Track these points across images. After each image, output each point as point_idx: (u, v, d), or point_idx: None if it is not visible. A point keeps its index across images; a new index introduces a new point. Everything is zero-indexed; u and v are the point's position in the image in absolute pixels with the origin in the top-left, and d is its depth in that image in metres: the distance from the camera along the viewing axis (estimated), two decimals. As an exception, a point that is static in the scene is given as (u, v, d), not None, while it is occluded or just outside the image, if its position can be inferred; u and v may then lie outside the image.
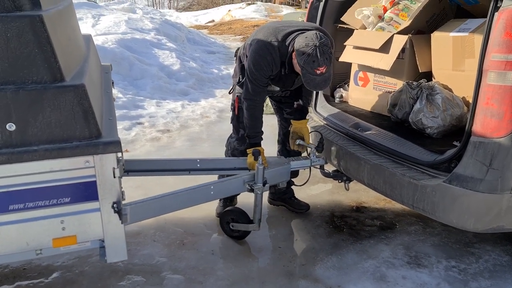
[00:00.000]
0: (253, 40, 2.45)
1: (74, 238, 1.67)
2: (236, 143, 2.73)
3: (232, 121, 2.73)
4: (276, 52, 2.35)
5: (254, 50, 2.38)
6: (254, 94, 2.45)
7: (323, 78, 2.24)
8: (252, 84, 2.42)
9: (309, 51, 2.18)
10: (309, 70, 2.21)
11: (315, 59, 2.18)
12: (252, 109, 2.48)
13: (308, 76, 2.24)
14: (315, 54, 2.17)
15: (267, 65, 2.36)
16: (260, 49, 2.37)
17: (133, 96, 5.41)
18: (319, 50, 2.18)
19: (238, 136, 2.71)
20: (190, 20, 16.89)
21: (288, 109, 2.81)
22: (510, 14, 1.86)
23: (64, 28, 1.80)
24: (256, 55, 2.38)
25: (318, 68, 2.19)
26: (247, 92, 2.45)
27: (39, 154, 1.52)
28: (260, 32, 2.45)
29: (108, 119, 1.83)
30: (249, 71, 2.41)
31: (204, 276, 2.33)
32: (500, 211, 2.01)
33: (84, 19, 7.91)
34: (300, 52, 2.22)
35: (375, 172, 2.42)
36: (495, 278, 2.32)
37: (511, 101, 1.90)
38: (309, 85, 2.29)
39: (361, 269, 2.39)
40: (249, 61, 2.40)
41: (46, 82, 1.52)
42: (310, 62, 2.19)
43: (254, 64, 2.38)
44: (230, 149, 2.78)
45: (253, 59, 2.38)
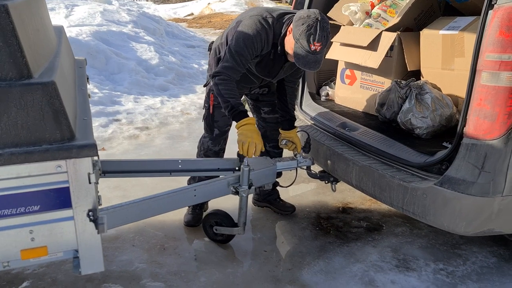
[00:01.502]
0: (242, 17, 2.28)
1: (44, 249, 1.53)
2: (210, 143, 2.58)
3: (206, 119, 2.57)
4: (271, 29, 2.20)
5: (246, 25, 2.20)
6: (231, 71, 2.21)
7: (315, 57, 2.11)
8: (233, 59, 2.19)
9: (310, 22, 2.05)
10: (303, 44, 2.07)
11: (314, 32, 2.05)
12: (226, 81, 2.22)
13: (301, 51, 2.09)
14: (315, 27, 2.05)
15: (259, 41, 2.19)
16: (254, 24, 2.19)
17: (110, 92, 5.20)
18: (320, 25, 2.06)
19: (213, 135, 2.56)
20: (169, 13, 16.56)
21: (266, 108, 2.68)
22: (506, 12, 1.80)
23: (32, 19, 1.64)
24: (249, 29, 2.19)
25: (314, 42, 2.05)
26: (223, 67, 2.21)
27: (4, 158, 1.37)
28: (251, 11, 2.29)
29: (82, 119, 1.68)
30: (236, 46, 2.19)
31: (186, 283, 2.21)
32: (491, 215, 1.97)
33: (57, 9, 7.60)
34: (299, 22, 2.07)
35: (363, 173, 2.35)
36: (482, 281, 2.29)
37: (504, 103, 1.85)
38: (299, 61, 2.13)
39: (349, 274, 2.33)
40: (239, 36, 2.19)
41: (12, 79, 1.36)
42: (308, 35, 2.05)
43: (244, 39, 2.18)
44: (203, 149, 2.61)
45: (244, 33, 2.18)
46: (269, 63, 2.33)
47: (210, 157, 2.60)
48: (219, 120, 2.53)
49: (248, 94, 2.67)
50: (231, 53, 2.21)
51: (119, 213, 1.94)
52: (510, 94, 1.84)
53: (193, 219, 2.69)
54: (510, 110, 1.85)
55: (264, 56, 2.29)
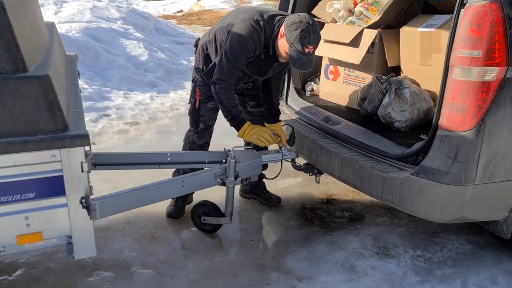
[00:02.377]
0: (233, 20, 2.37)
1: (39, 235, 1.61)
2: (195, 137, 2.68)
3: (191, 113, 2.67)
4: (262, 31, 2.31)
5: (239, 28, 2.30)
6: (229, 75, 2.34)
7: (308, 59, 2.25)
8: (230, 64, 2.31)
9: (303, 27, 2.17)
10: (298, 48, 2.19)
11: (307, 36, 2.17)
12: (226, 89, 2.37)
13: (296, 55, 2.22)
14: (308, 31, 2.17)
15: (252, 44, 2.30)
16: (246, 27, 2.29)
17: (100, 87, 5.25)
18: (312, 28, 2.19)
19: (198, 129, 2.66)
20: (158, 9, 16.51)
21: (251, 102, 2.78)
22: (476, 11, 1.91)
23: (26, 15, 1.72)
24: (242, 33, 2.29)
25: (308, 45, 2.19)
26: (221, 73, 2.33)
27: (1, 147, 1.44)
28: (242, 14, 2.38)
29: (75, 111, 1.76)
30: (232, 50, 2.29)
31: (175, 270, 2.30)
32: (464, 202, 2.08)
33: (46, 6, 7.59)
34: (292, 27, 2.19)
35: (345, 165, 2.45)
36: (458, 267, 2.42)
37: (475, 96, 1.96)
38: (295, 64, 2.26)
39: (332, 260, 2.43)
40: (233, 40, 2.29)
41: (8, 73, 1.44)
42: (302, 38, 2.17)
43: (239, 42, 2.29)
44: (188, 143, 2.72)
45: (238, 37, 2.29)
46: (260, 62, 2.44)
47: (196, 150, 2.69)
48: (204, 115, 2.63)
49: (234, 89, 2.75)
50: (228, 58, 2.31)
51: (110, 202, 2.01)
52: (480, 88, 1.95)
53: (175, 211, 2.78)
54: (481, 103, 1.97)
55: (256, 56, 2.39)
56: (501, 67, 1.92)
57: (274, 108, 2.70)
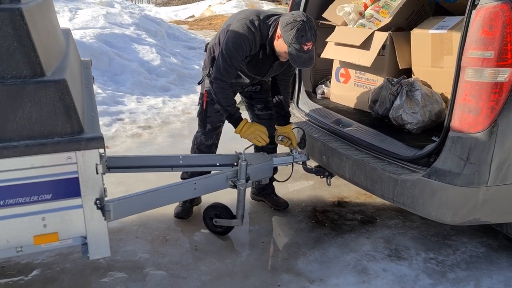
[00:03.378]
0: (231, 21, 2.41)
1: (55, 235, 1.64)
2: (203, 138, 2.72)
3: (199, 115, 2.71)
4: (257, 31, 2.34)
5: (235, 28, 2.34)
6: (225, 74, 2.37)
7: (309, 55, 2.27)
8: (226, 63, 2.35)
9: (298, 26, 2.19)
10: (296, 47, 2.21)
11: (304, 34, 2.19)
12: (223, 89, 2.41)
13: (295, 53, 2.24)
14: (304, 29, 2.19)
15: (247, 44, 2.33)
16: (241, 27, 2.33)
17: (113, 92, 5.33)
18: (307, 25, 2.20)
19: (205, 130, 2.70)
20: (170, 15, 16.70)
21: (259, 105, 2.80)
22: (487, 12, 1.91)
23: (44, 21, 1.77)
24: (236, 32, 2.33)
25: (306, 43, 2.21)
26: (218, 72, 2.37)
27: (19, 150, 1.49)
28: (239, 14, 2.43)
29: (90, 114, 1.80)
30: (227, 49, 2.33)
31: (187, 272, 2.33)
32: (477, 204, 2.06)
33: (61, 13, 7.73)
34: (288, 27, 2.22)
35: (356, 167, 2.46)
36: (471, 269, 2.40)
37: (487, 97, 1.95)
38: (296, 63, 2.29)
39: (343, 263, 2.43)
40: (228, 39, 2.34)
41: (26, 77, 1.48)
42: (299, 37, 2.19)
43: (233, 42, 2.33)
44: (196, 143, 2.76)
45: (233, 36, 2.33)
46: (258, 62, 2.47)
47: (203, 151, 2.73)
48: (211, 116, 2.67)
49: (242, 92, 2.79)
50: (223, 57, 2.36)
51: (124, 204, 2.04)
52: (493, 89, 1.95)
53: (183, 212, 2.82)
54: (493, 104, 1.96)
55: (253, 56, 2.42)
56: (513, 68, 1.91)
57: (284, 110, 2.72)
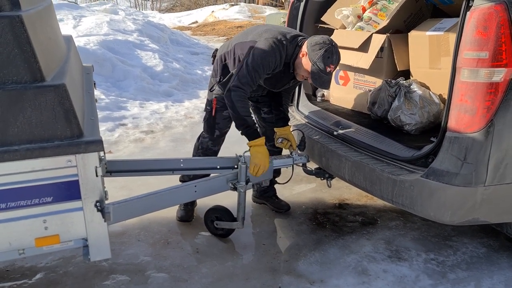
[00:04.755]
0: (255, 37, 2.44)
1: (57, 238, 1.67)
2: (210, 143, 2.75)
3: (207, 121, 2.73)
4: (284, 51, 2.40)
5: (263, 45, 2.37)
6: (246, 85, 2.39)
7: (328, 77, 2.37)
8: (249, 76, 2.36)
9: (327, 48, 2.29)
10: (321, 66, 2.30)
11: (330, 56, 2.29)
12: (243, 97, 2.40)
13: (318, 73, 2.33)
14: (332, 51, 2.30)
15: (273, 62, 2.39)
16: (269, 45, 2.37)
17: (116, 98, 5.38)
18: (335, 49, 2.32)
19: (213, 136, 2.73)
20: (173, 21, 16.83)
21: (265, 109, 2.84)
22: (481, 13, 1.93)
23: (44, 28, 1.81)
24: (265, 49, 2.37)
25: (330, 65, 2.30)
26: (239, 81, 2.37)
27: (20, 153, 1.52)
28: (266, 33, 2.44)
29: (90, 119, 1.83)
30: (253, 63, 2.35)
31: (189, 274, 2.34)
32: (475, 204, 2.07)
33: (65, 20, 7.83)
34: (317, 47, 2.30)
35: (355, 168, 2.47)
36: (472, 270, 2.40)
37: (483, 97, 1.97)
38: (316, 82, 2.38)
39: (343, 264, 2.44)
40: (255, 54, 2.36)
41: (26, 82, 1.52)
42: (325, 58, 2.28)
43: (262, 58, 2.36)
44: (202, 148, 2.78)
45: (261, 52, 2.36)
46: (278, 79, 2.54)
47: (209, 156, 2.76)
48: (220, 122, 2.70)
49: (250, 97, 2.81)
50: (248, 69, 2.37)
51: (124, 207, 2.08)
52: (488, 89, 1.96)
53: (186, 215, 2.85)
54: (489, 104, 1.97)
55: (275, 73, 2.48)
56: (508, 67, 1.93)
57: (284, 113, 2.76)
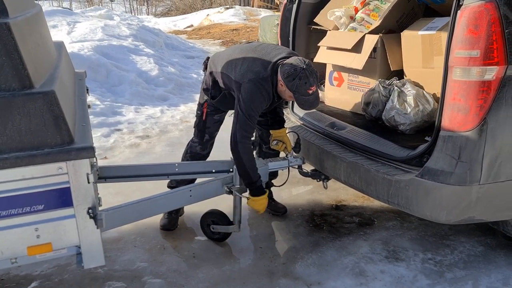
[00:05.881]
0: (241, 78, 2.38)
1: (49, 246, 1.66)
2: (199, 148, 2.73)
3: (197, 125, 2.72)
4: (270, 85, 2.37)
5: (249, 90, 2.34)
6: (249, 130, 2.39)
7: (314, 96, 2.34)
8: (248, 123, 2.36)
9: (300, 75, 2.26)
10: (302, 93, 2.30)
11: (307, 81, 2.27)
12: (248, 150, 2.39)
13: (302, 99, 2.32)
14: (306, 76, 2.26)
15: (263, 101, 2.38)
16: (256, 89, 2.34)
17: (111, 103, 5.36)
18: (308, 72, 2.28)
19: (202, 141, 2.71)
20: (169, 25, 16.80)
21: None
22: (472, 12, 1.92)
23: (33, 35, 1.79)
24: (252, 94, 2.34)
25: (310, 88, 2.29)
26: (243, 132, 2.35)
27: (10, 162, 1.51)
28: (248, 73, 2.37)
29: (81, 125, 1.82)
30: (247, 111, 2.34)
31: (185, 279, 2.33)
32: (470, 203, 2.07)
33: (59, 27, 7.81)
34: (290, 78, 2.27)
35: (351, 169, 2.46)
36: (469, 269, 2.39)
37: (476, 96, 1.96)
38: (304, 106, 2.37)
39: (341, 265, 2.43)
40: (246, 101, 2.34)
41: (15, 90, 1.51)
42: (302, 85, 2.27)
43: (253, 102, 2.34)
44: (190, 153, 2.76)
45: (250, 98, 2.33)
46: (270, 106, 2.55)
47: (197, 160, 2.73)
48: (210, 127, 2.70)
49: None
50: (246, 118, 2.34)
51: (118, 213, 2.07)
52: (480, 87, 1.96)
53: (169, 223, 2.79)
54: (482, 102, 1.97)
55: (267, 107, 2.50)
56: (500, 66, 1.93)
57: (278, 116, 2.76)
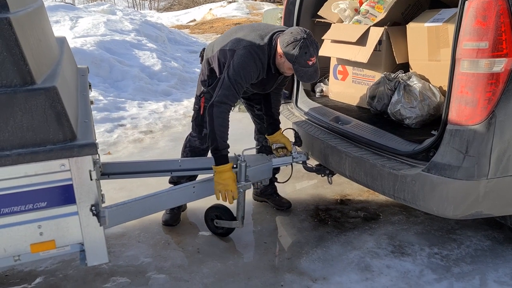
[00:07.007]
0: (235, 45, 2.35)
1: (52, 243, 1.65)
2: (198, 142, 2.70)
3: (195, 119, 2.69)
4: (265, 56, 2.33)
5: (242, 56, 2.30)
6: (231, 98, 2.32)
7: (314, 68, 2.28)
8: (231, 90, 2.30)
9: (300, 44, 2.20)
10: (302, 64, 2.23)
11: (307, 50, 2.21)
12: (223, 115, 2.31)
13: (301, 70, 2.26)
14: (306, 45, 2.20)
15: (255, 71, 2.33)
16: (248, 55, 2.30)
17: (114, 98, 5.35)
18: (308, 41, 2.22)
19: (201, 135, 2.67)
20: (171, 20, 16.77)
21: (258, 106, 2.79)
22: (480, 2, 1.88)
23: (34, 30, 1.77)
24: (243, 61, 2.29)
25: (310, 59, 2.23)
26: (223, 96, 2.30)
27: (12, 159, 1.49)
28: (242, 42, 2.34)
29: (83, 121, 1.80)
30: (234, 76, 2.29)
31: (190, 275, 2.32)
32: (478, 197, 2.04)
33: (62, 22, 7.79)
34: (289, 48, 2.22)
35: (356, 164, 2.44)
36: (476, 263, 2.37)
37: (484, 89, 1.93)
38: (303, 78, 2.32)
39: (346, 260, 2.41)
40: (235, 66, 2.29)
41: (16, 86, 1.49)
42: (302, 55, 2.21)
43: (241, 69, 2.29)
44: (189, 147, 2.73)
45: (240, 64, 2.29)
46: (263, 81, 2.47)
47: (197, 155, 2.71)
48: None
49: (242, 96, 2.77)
50: (231, 82, 2.29)
51: (121, 210, 2.05)
52: (489, 80, 1.92)
53: (171, 219, 2.77)
54: (490, 95, 1.93)
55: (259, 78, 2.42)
56: (509, 57, 1.89)
57: (273, 118, 2.71)
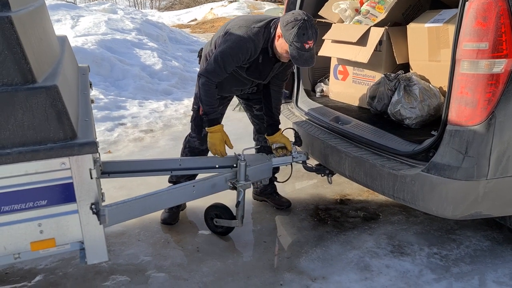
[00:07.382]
0: (230, 26, 2.37)
1: (52, 241, 1.65)
2: (197, 143, 2.71)
3: (194, 120, 2.69)
4: (259, 39, 2.32)
5: (235, 35, 2.30)
6: (214, 75, 2.34)
7: (310, 54, 2.26)
8: (218, 65, 2.32)
9: (300, 24, 2.18)
10: (298, 45, 2.20)
11: (305, 32, 2.19)
12: (206, 87, 2.36)
13: (297, 52, 2.23)
14: (305, 27, 2.18)
15: (245, 52, 2.31)
16: (242, 34, 2.30)
17: (115, 97, 5.35)
18: (308, 24, 2.20)
19: (201, 135, 2.68)
20: (172, 19, 16.77)
21: (257, 106, 2.80)
22: (480, 3, 1.89)
23: (35, 29, 1.78)
24: (236, 39, 2.30)
25: (307, 41, 2.20)
26: (208, 70, 2.34)
27: (12, 157, 1.50)
28: (240, 21, 2.38)
29: (84, 120, 1.80)
30: (223, 53, 2.30)
31: (189, 273, 2.33)
32: (477, 198, 2.04)
33: (63, 21, 7.79)
34: (289, 26, 2.20)
35: (356, 164, 2.44)
36: (476, 263, 2.37)
37: (484, 89, 1.93)
38: (298, 61, 2.27)
39: (345, 260, 2.42)
40: (227, 44, 2.31)
41: (17, 84, 1.49)
42: (300, 35, 2.18)
43: (231, 48, 2.30)
44: (189, 147, 2.74)
45: (232, 42, 2.30)
46: (258, 66, 2.45)
47: (197, 155, 2.72)
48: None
49: (239, 94, 2.77)
50: (216, 59, 2.32)
51: (121, 208, 2.05)
52: (489, 80, 1.93)
53: (170, 217, 2.78)
54: (490, 96, 1.94)
55: (253, 61, 2.40)
56: (509, 58, 1.89)
57: (273, 119, 2.70)
